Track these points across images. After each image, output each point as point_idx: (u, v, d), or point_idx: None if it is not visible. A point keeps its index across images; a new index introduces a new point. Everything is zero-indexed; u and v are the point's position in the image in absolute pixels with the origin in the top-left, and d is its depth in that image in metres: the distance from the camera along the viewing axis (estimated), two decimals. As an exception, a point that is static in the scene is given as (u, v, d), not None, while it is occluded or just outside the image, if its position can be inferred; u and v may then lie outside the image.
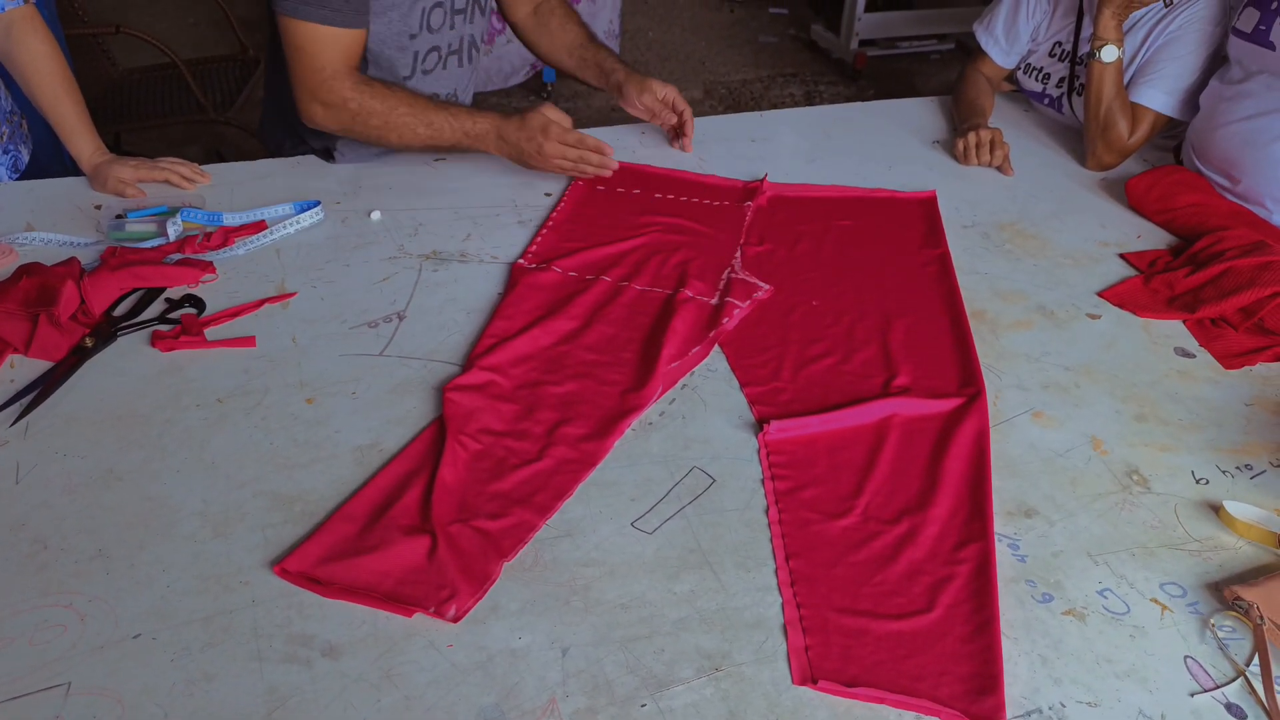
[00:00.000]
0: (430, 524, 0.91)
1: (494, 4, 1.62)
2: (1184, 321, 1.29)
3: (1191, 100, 1.63)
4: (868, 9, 4.57)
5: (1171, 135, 1.77)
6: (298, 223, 1.33)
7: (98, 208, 1.36)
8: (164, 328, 1.13)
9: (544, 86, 4.00)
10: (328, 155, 1.54)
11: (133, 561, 0.86)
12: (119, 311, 1.16)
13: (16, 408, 1.01)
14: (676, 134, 1.66)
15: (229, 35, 3.10)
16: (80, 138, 1.39)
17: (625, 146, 1.61)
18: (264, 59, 1.47)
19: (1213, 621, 0.87)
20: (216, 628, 0.81)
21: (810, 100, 4.40)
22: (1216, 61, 1.63)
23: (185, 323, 1.12)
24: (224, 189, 1.43)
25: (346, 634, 0.82)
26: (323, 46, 1.35)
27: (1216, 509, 0.99)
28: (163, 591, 0.84)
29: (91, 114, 1.43)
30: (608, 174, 1.50)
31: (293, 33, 1.35)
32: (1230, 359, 1.22)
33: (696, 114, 1.67)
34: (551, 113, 1.45)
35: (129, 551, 0.87)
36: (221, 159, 3.10)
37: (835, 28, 4.74)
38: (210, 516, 0.91)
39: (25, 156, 1.52)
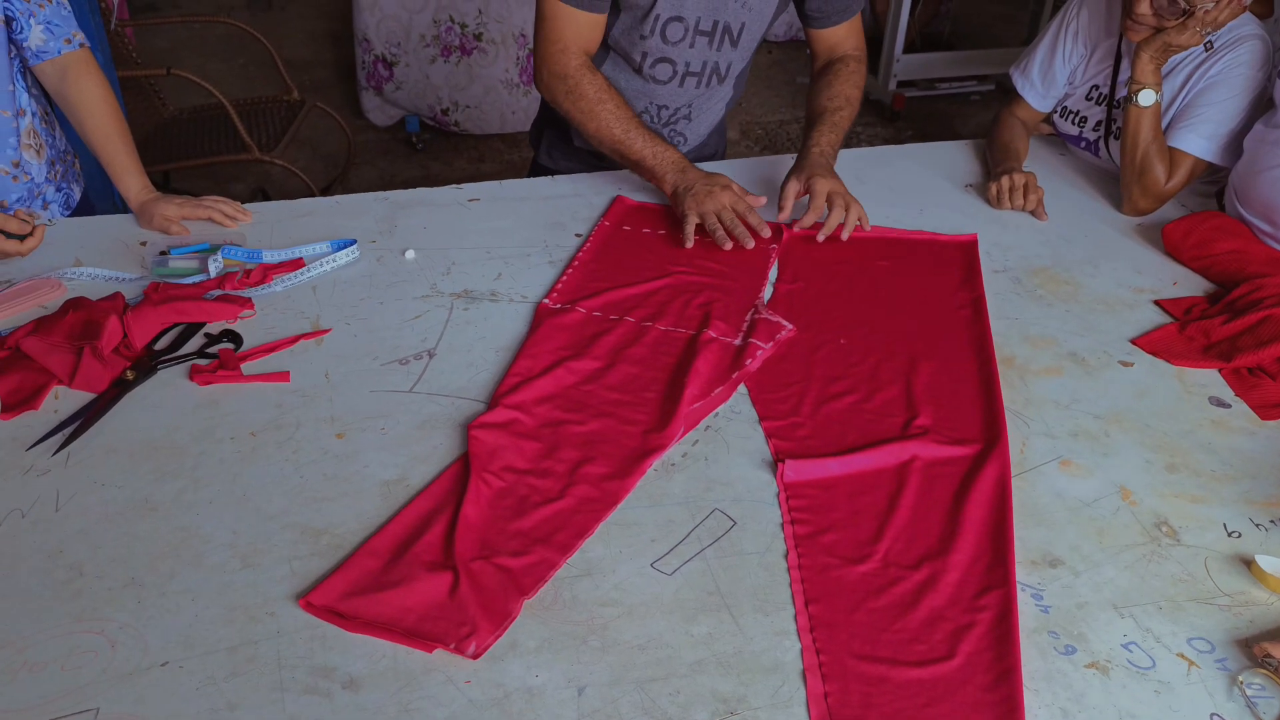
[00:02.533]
0: (452, 560, 0.92)
1: (751, 40, 1.61)
2: (1219, 370, 1.27)
3: (1232, 146, 1.61)
4: (906, 50, 4.59)
5: (1213, 180, 1.76)
6: (334, 261, 1.37)
7: (143, 244, 1.41)
8: (202, 362, 1.16)
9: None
10: (568, 137, 1.72)
11: (163, 590, 0.89)
12: (160, 345, 1.19)
13: (59, 437, 1.05)
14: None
15: (276, 76, 3.19)
16: (129, 176, 1.44)
17: (652, 185, 1.63)
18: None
19: (1241, 679, 0.86)
20: (242, 658, 0.83)
21: (847, 142, 4.38)
22: (1259, 107, 1.61)
23: (222, 357, 1.16)
24: (264, 227, 1.47)
25: (367, 667, 0.83)
26: (562, 22, 1.49)
27: (1248, 563, 0.97)
28: (191, 620, 0.86)
29: (141, 153, 1.49)
30: (747, 245, 1.44)
31: (542, 4, 1.51)
32: (1267, 409, 1.20)
33: (732, 155, 1.68)
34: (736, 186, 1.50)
35: (160, 580, 0.89)
36: (266, 197, 3.19)
37: (873, 69, 4.76)
38: (239, 548, 0.93)
39: (77, 194, 1.58)
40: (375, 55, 3.90)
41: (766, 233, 1.47)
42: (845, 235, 1.50)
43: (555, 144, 1.78)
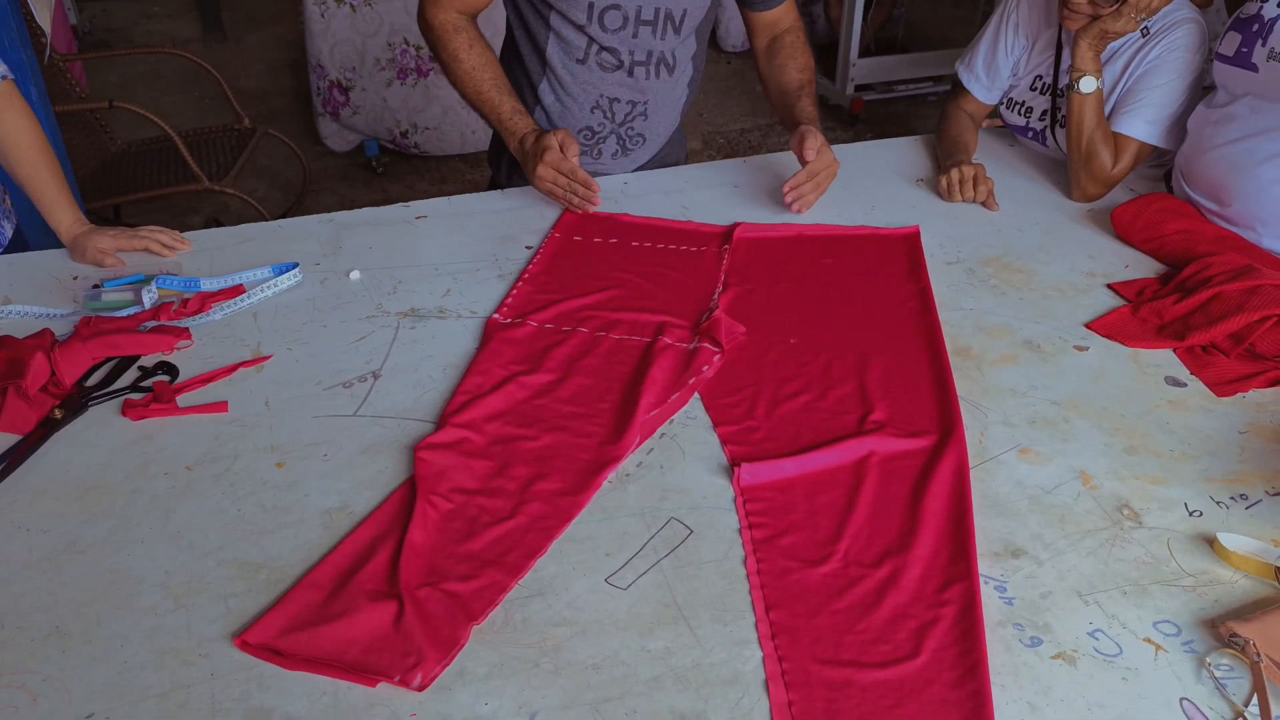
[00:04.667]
0: (397, 589, 0.89)
1: (694, 25, 1.60)
2: (1174, 350, 1.27)
3: (1175, 128, 1.62)
4: (861, 55, 4.62)
5: (1160, 164, 1.76)
6: (275, 285, 1.33)
7: (75, 278, 1.37)
8: (135, 396, 1.13)
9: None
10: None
11: (90, 637, 0.85)
12: (92, 381, 1.15)
13: (-17, 483, 1.00)
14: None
15: (231, 108, 3.15)
16: (59, 210, 1.39)
17: (608, 195, 1.61)
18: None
19: (1209, 660, 0.84)
20: (172, 704, 0.79)
21: (807, 145, 4.42)
22: (1198, 88, 1.62)
23: (157, 390, 1.12)
24: (204, 255, 1.43)
25: (306, 706, 0.79)
26: None
27: (1211, 542, 0.96)
28: (119, 667, 0.82)
29: (88, 188, 1.45)
30: (590, 209, 1.54)
31: None
32: (1222, 386, 1.20)
33: (695, 163, 1.68)
34: (559, 137, 1.51)
35: (87, 627, 0.85)
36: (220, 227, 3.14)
37: (831, 74, 4.78)
38: (172, 588, 0.90)
39: (9, 231, 1.53)
40: (330, 81, 3.87)
41: (596, 189, 1.52)
42: (805, 201, 1.56)
43: (516, 164, 1.76)
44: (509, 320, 1.29)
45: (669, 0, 1.52)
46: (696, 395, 1.17)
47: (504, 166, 1.77)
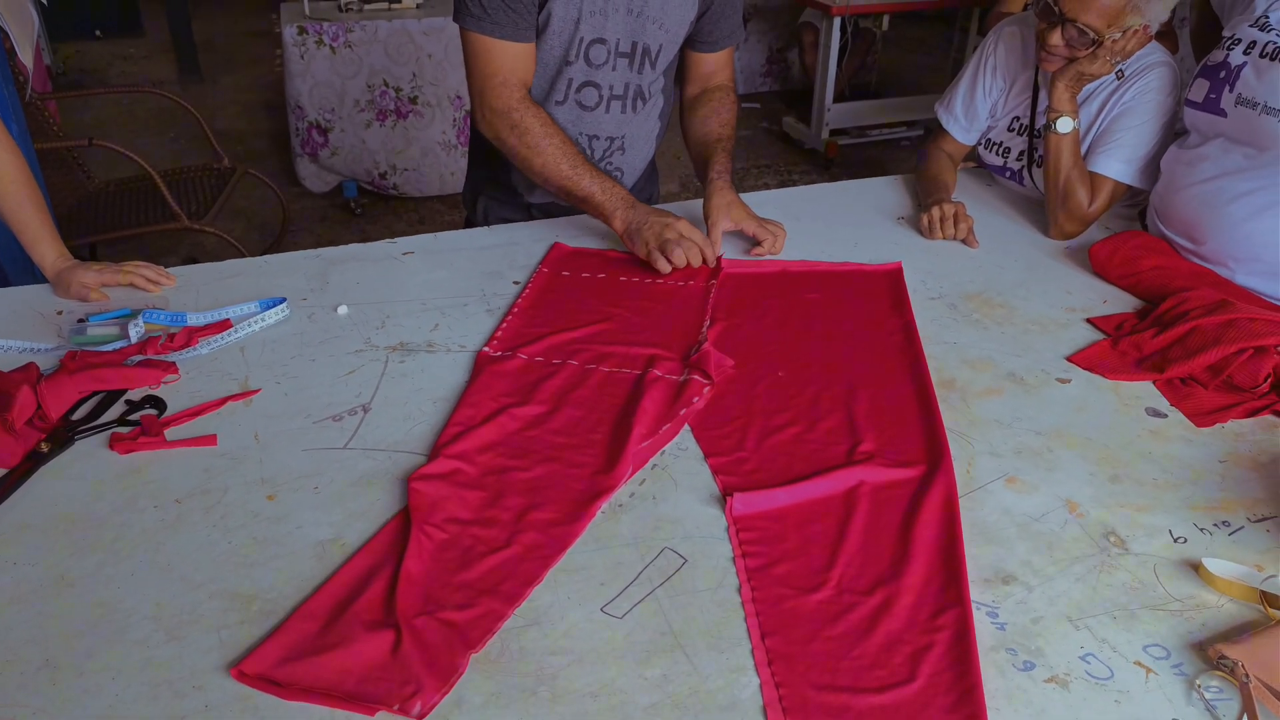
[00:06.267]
0: (394, 618, 0.88)
1: (666, 62, 1.62)
2: (1154, 382, 1.29)
3: (1149, 168, 1.66)
4: (835, 100, 4.72)
5: (1134, 203, 1.81)
6: (263, 320, 1.33)
7: (59, 313, 1.36)
8: (123, 430, 1.12)
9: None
10: (506, 199, 1.74)
11: (81, 670, 0.83)
12: (78, 415, 1.14)
13: (-32, 517, 0.99)
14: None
15: (208, 149, 3.16)
16: (43, 244, 1.39)
17: (598, 230, 1.63)
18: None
19: (1199, 682, 0.85)
20: (166, 736, 0.78)
21: (782, 185, 4.50)
22: (1171, 129, 1.66)
23: (145, 424, 1.11)
24: (190, 290, 1.43)
25: (303, 737, 0.78)
26: (496, 55, 1.49)
27: (1196, 567, 0.97)
28: (111, 700, 0.81)
29: (66, 227, 1.44)
30: (711, 264, 1.53)
31: (467, 42, 1.50)
32: (1202, 417, 1.22)
33: (666, 204, 1.70)
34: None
35: (77, 660, 0.84)
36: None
37: (806, 119, 4.88)
38: (164, 620, 0.88)
39: (-8, 266, 1.53)
40: (309, 122, 3.89)
41: (713, 261, 1.52)
42: (778, 249, 1.60)
43: (493, 207, 1.77)
44: (499, 353, 1.30)
45: (646, 36, 1.55)
46: (687, 427, 1.18)
47: (480, 209, 1.78)
